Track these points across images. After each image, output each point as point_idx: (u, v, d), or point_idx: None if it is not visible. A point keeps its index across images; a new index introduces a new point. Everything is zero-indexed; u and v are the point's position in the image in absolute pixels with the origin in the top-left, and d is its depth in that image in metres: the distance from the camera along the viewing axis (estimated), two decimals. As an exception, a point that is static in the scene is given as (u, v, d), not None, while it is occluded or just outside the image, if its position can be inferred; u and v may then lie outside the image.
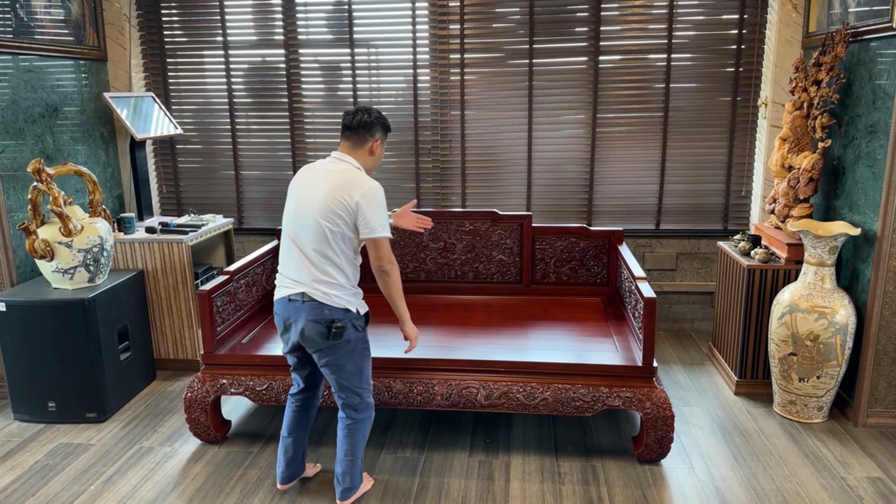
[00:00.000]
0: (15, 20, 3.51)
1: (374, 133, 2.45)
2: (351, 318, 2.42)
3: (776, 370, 3.27)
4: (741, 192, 4.23)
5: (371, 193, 2.34)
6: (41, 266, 3.32)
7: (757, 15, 3.96)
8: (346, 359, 2.44)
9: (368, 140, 2.45)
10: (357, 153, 2.46)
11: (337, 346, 2.41)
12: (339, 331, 2.37)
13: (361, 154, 2.46)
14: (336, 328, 2.37)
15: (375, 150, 2.47)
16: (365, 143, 2.45)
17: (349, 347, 2.43)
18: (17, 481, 2.83)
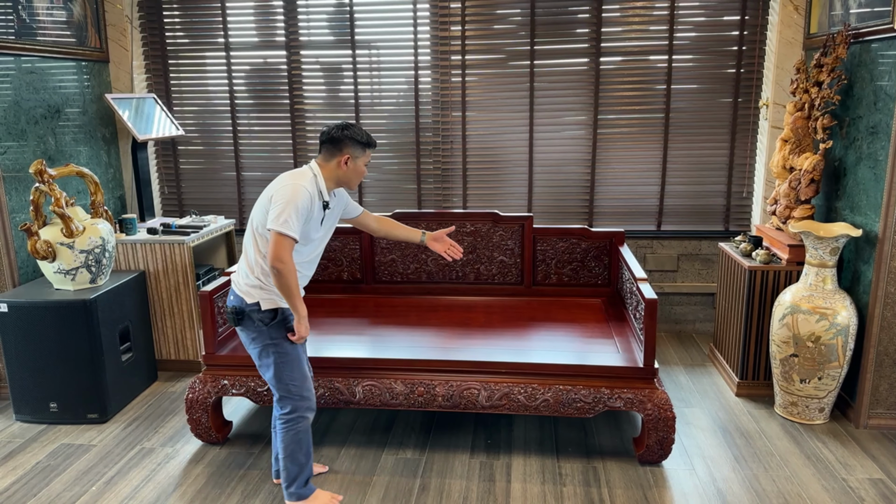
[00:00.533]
0: (17, 21, 3.51)
1: (342, 149, 2.47)
2: (250, 308, 2.45)
3: (777, 371, 3.26)
4: (742, 193, 4.23)
5: (285, 190, 2.37)
6: (43, 267, 3.33)
7: (758, 16, 3.96)
8: (254, 351, 2.52)
9: (336, 154, 2.48)
10: (326, 165, 2.51)
11: (243, 334, 2.52)
12: (232, 316, 2.47)
13: (330, 166, 2.50)
14: (231, 313, 2.47)
15: (344, 165, 2.49)
16: (332, 156, 2.49)
17: (254, 339, 2.50)
18: (19, 482, 2.83)
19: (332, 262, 3.90)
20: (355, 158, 2.51)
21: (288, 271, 2.34)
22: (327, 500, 2.63)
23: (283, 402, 2.53)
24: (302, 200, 2.36)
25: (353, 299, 3.81)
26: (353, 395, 2.91)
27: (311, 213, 2.43)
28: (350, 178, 2.54)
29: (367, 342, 3.19)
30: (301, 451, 2.55)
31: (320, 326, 3.39)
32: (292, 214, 2.33)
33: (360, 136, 2.49)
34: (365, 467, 2.89)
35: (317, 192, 2.46)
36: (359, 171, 2.55)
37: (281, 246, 2.33)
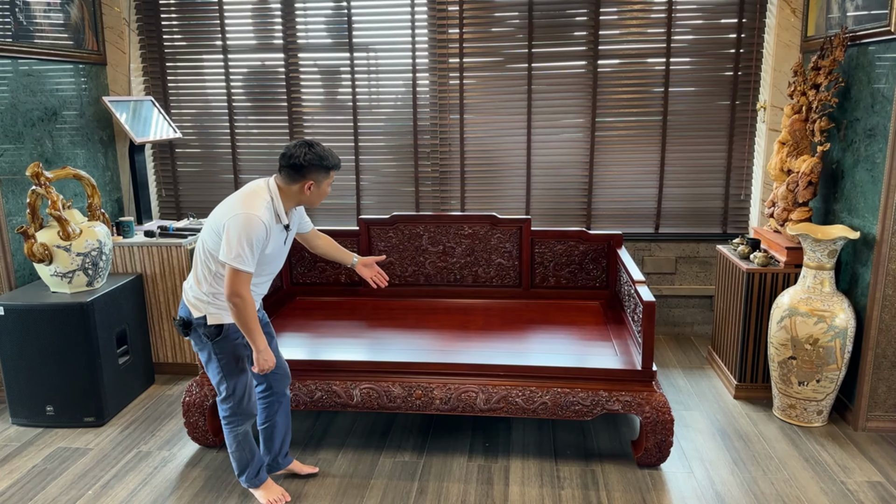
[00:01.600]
0: (14, 24, 3.51)
1: (304, 174, 2.38)
2: (197, 322, 2.46)
3: (776, 374, 3.26)
4: (740, 195, 4.23)
5: (238, 221, 2.28)
6: (39, 270, 3.32)
7: (755, 19, 3.97)
8: (202, 358, 2.55)
9: (299, 179, 2.40)
10: (286, 189, 2.42)
11: (193, 342, 2.53)
12: (180, 328, 2.49)
13: (292, 190, 2.42)
14: (179, 324, 2.49)
15: (307, 190, 2.41)
16: (294, 182, 2.40)
17: (201, 350, 2.52)
18: (15, 486, 2.82)
19: (330, 265, 3.90)
20: (319, 183, 2.42)
21: (245, 305, 2.31)
22: (278, 494, 2.67)
23: (223, 405, 2.56)
24: (256, 233, 2.29)
25: (351, 302, 3.80)
26: (351, 397, 2.90)
27: (267, 241, 2.37)
28: (313, 201, 2.47)
29: (365, 345, 3.19)
30: (244, 449, 2.62)
31: (318, 329, 3.38)
32: (245, 249, 2.27)
33: (324, 161, 2.39)
34: (362, 470, 2.89)
35: (273, 216, 2.38)
36: (322, 193, 2.47)
37: (237, 281, 2.29)
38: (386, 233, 3.83)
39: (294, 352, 3.10)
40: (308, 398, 2.92)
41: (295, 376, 2.93)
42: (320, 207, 4.49)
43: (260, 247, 2.33)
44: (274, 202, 2.39)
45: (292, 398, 2.92)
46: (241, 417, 2.57)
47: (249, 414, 2.59)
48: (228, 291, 2.31)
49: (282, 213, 2.42)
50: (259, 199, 2.35)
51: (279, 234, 2.45)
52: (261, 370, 2.45)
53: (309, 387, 2.92)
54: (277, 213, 2.41)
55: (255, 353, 2.42)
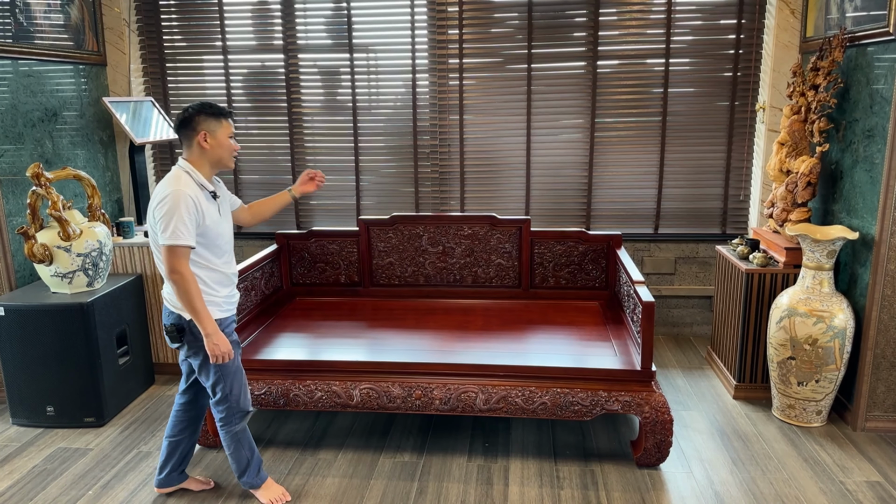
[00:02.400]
0: (14, 25, 3.51)
1: (195, 126, 2.38)
2: (190, 323, 2.43)
3: (775, 374, 3.27)
4: (739, 196, 4.24)
5: (165, 203, 2.29)
6: (40, 270, 3.32)
7: (755, 20, 3.97)
8: (195, 361, 2.50)
9: (193, 135, 2.39)
10: (191, 154, 2.43)
11: (183, 348, 2.49)
12: (174, 334, 2.44)
13: (195, 152, 2.42)
14: (169, 332, 2.45)
15: (206, 142, 2.40)
16: (192, 139, 2.40)
17: (195, 352, 2.48)
18: (15, 486, 2.82)
19: (330, 266, 3.90)
20: (213, 132, 2.40)
21: (186, 281, 2.31)
22: (279, 493, 2.69)
23: (219, 406, 2.54)
24: (185, 205, 2.29)
25: (351, 302, 3.81)
26: (351, 398, 2.91)
27: (201, 211, 2.36)
28: (221, 156, 2.44)
29: (364, 345, 3.19)
30: (243, 447, 2.62)
31: (318, 329, 3.38)
32: (178, 223, 2.27)
33: (208, 108, 2.40)
34: (362, 471, 2.89)
35: (198, 187, 2.38)
36: (225, 146, 2.44)
37: (174, 257, 2.29)
38: (386, 233, 3.84)
39: (294, 352, 3.10)
40: (308, 398, 2.93)
41: (295, 376, 2.94)
42: (319, 208, 4.49)
43: (194, 218, 2.32)
44: (192, 175, 2.40)
45: (292, 398, 2.93)
46: (239, 416, 2.57)
47: (246, 411, 2.59)
48: (168, 269, 2.30)
49: (205, 182, 2.43)
50: (178, 178, 2.36)
51: (210, 203, 2.43)
52: (213, 358, 2.40)
53: (308, 387, 2.92)
54: (200, 184, 2.41)
55: (204, 337, 2.38)
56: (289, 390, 2.93)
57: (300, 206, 4.50)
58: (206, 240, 2.41)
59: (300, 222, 4.53)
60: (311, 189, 2.91)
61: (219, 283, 2.50)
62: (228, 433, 2.59)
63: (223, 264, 2.53)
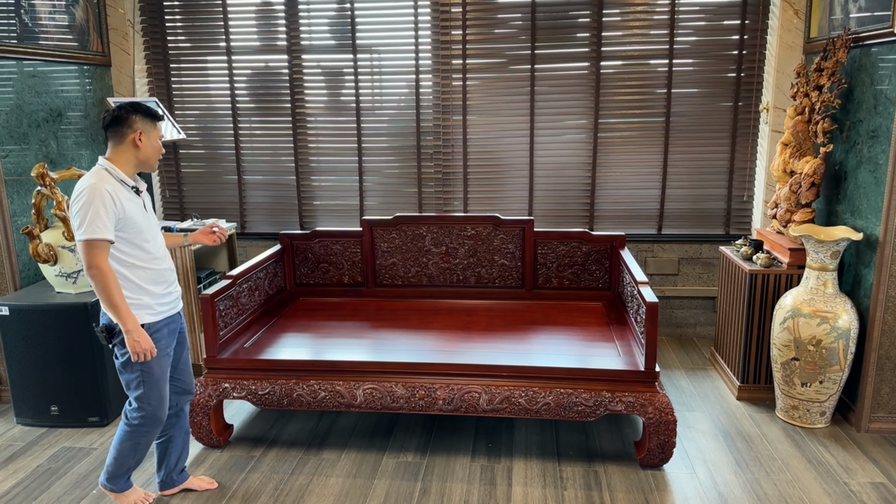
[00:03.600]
0: (19, 25, 3.53)
1: (131, 124, 2.36)
2: (115, 325, 2.38)
3: (778, 375, 3.26)
4: (743, 196, 4.23)
5: (81, 198, 2.27)
6: (44, 270, 3.33)
7: (758, 21, 3.97)
8: (121, 363, 2.45)
9: (128, 132, 2.36)
10: (118, 151, 2.38)
11: (117, 348, 2.44)
12: (104, 335, 2.41)
13: (124, 150, 2.38)
14: (102, 331, 2.42)
15: (140, 141, 2.38)
16: (125, 137, 2.37)
17: (123, 354, 2.42)
18: (20, 485, 2.83)
19: (334, 266, 3.91)
20: (148, 133, 2.39)
21: (105, 277, 2.26)
22: (140, 496, 2.65)
23: (138, 412, 2.48)
24: (101, 198, 2.26)
25: (354, 302, 3.81)
26: (354, 398, 2.91)
27: (120, 205, 2.31)
28: (149, 156, 2.42)
29: (368, 345, 3.19)
30: (135, 454, 2.55)
31: (321, 329, 3.39)
32: (94, 216, 2.24)
33: (144, 109, 2.39)
34: (366, 471, 2.89)
35: (117, 182, 2.35)
36: (156, 147, 2.44)
37: (91, 253, 2.25)
38: (389, 234, 3.84)
39: (297, 352, 3.11)
40: (311, 398, 2.93)
41: (298, 376, 2.94)
42: (322, 207, 4.50)
43: (111, 213, 2.28)
44: (111, 172, 2.36)
45: (295, 398, 2.93)
46: (155, 424, 2.51)
47: (161, 421, 2.52)
48: (86, 265, 2.26)
49: (125, 178, 2.38)
50: (97, 174, 2.33)
51: (132, 197, 2.39)
52: (135, 355, 2.35)
53: (312, 387, 2.92)
54: (121, 179, 2.37)
55: (124, 333, 2.33)
56: (292, 390, 2.93)
57: (304, 206, 4.51)
58: (131, 235, 2.37)
59: (304, 223, 4.54)
60: (206, 242, 2.82)
61: (152, 281, 2.45)
62: (136, 439, 2.51)
63: (153, 260, 2.46)
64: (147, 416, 2.48)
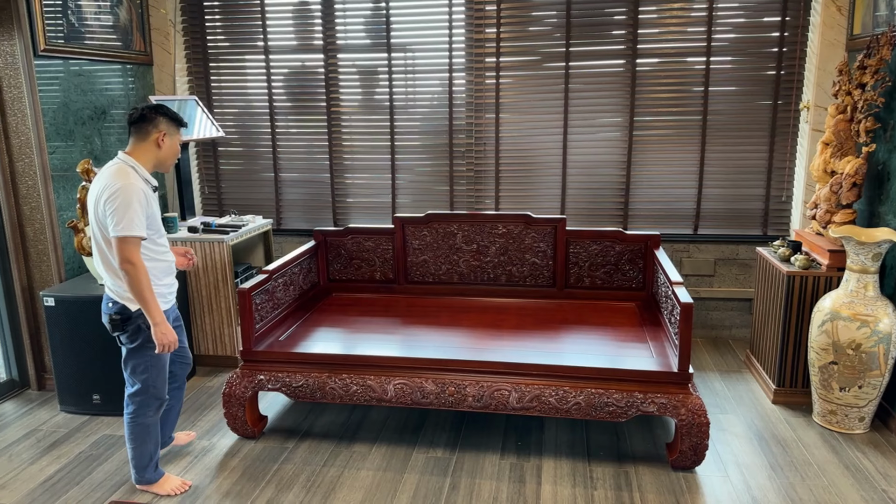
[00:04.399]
0: (67, 26, 3.64)
1: (157, 125, 2.49)
2: (136, 314, 2.52)
3: (816, 379, 3.20)
4: (781, 197, 4.15)
5: (117, 196, 2.36)
6: (88, 263, 3.44)
7: (799, 17, 3.89)
8: (127, 349, 2.58)
9: (153, 132, 2.49)
10: (140, 148, 2.50)
11: (121, 337, 2.57)
12: (115, 323, 2.52)
13: (146, 148, 2.51)
14: (113, 321, 2.52)
15: (162, 142, 2.51)
16: (149, 135, 2.49)
17: (133, 341, 2.55)
18: (63, 470, 2.93)
19: (366, 262, 3.95)
20: (171, 136, 2.53)
21: (138, 272, 2.38)
22: (177, 484, 2.75)
23: (136, 399, 2.61)
24: (137, 197, 2.38)
25: (386, 299, 3.85)
26: (385, 392, 2.94)
27: (147, 202, 2.45)
28: (167, 157, 2.56)
29: (399, 341, 3.22)
30: (149, 440, 2.68)
31: (353, 325, 3.43)
32: (133, 214, 2.36)
33: (172, 113, 2.53)
34: (396, 465, 2.92)
35: (143, 181, 2.48)
36: (175, 151, 2.58)
37: (126, 249, 2.36)
38: (420, 231, 3.87)
39: (330, 346, 3.15)
40: (343, 392, 2.97)
41: (331, 370, 2.99)
42: (355, 205, 4.55)
43: (144, 210, 2.42)
44: (136, 169, 2.48)
45: (328, 391, 2.98)
46: (156, 405, 2.65)
47: (164, 400, 2.68)
48: (120, 259, 2.37)
49: (148, 176, 2.52)
50: (125, 171, 2.43)
51: (154, 195, 2.55)
52: (161, 347, 2.49)
53: (344, 380, 2.97)
54: (145, 178, 2.51)
55: (153, 326, 2.46)
56: (325, 383, 2.98)
57: (337, 203, 4.57)
58: (151, 231, 2.51)
59: (337, 220, 4.60)
60: (180, 264, 2.88)
61: (164, 272, 2.63)
62: (139, 424, 2.63)
63: (165, 253, 2.64)
64: (150, 396, 2.63)
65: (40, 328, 3.66)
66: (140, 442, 2.66)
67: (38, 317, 3.65)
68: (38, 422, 3.38)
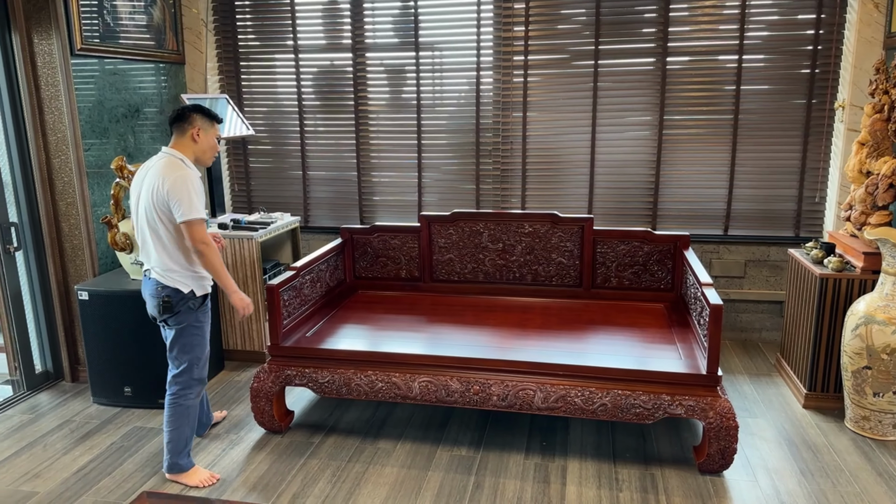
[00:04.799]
0: (102, 26, 3.72)
1: (192, 122, 2.67)
2: (188, 296, 2.68)
3: (849, 384, 3.13)
4: (815, 197, 4.07)
5: (180, 184, 2.55)
6: (121, 258, 3.51)
7: (835, 14, 3.81)
8: (173, 331, 2.73)
9: (188, 128, 2.67)
10: (180, 143, 2.68)
11: (169, 320, 2.71)
12: (166, 306, 2.68)
13: (185, 143, 2.68)
14: (165, 303, 2.67)
15: (198, 137, 2.68)
16: (186, 132, 2.67)
17: (180, 322, 2.71)
18: (95, 460, 2.99)
19: (392, 261, 3.96)
20: (206, 130, 2.70)
21: (211, 248, 2.62)
22: (206, 476, 2.82)
23: (180, 379, 2.75)
24: (198, 184, 2.62)
25: (411, 297, 3.86)
26: (410, 390, 2.95)
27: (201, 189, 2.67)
28: (205, 152, 2.73)
29: (424, 339, 3.23)
30: (188, 423, 2.79)
31: (379, 322, 3.45)
32: (196, 200, 2.57)
33: (206, 110, 2.72)
34: (420, 462, 2.93)
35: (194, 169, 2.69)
36: (211, 145, 2.74)
37: (200, 230, 2.59)
38: (446, 230, 3.87)
39: (356, 343, 3.17)
40: (369, 388, 2.99)
41: (357, 367, 3.01)
42: (382, 203, 4.57)
43: (202, 195, 2.64)
44: (185, 162, 2.66)
45: (353, 387, 3.00)
46: (198, 385, 2.79)
47: (205, 382, 2.84)
48: (196, 241, 2.58)
49: (193, 167, 2.70)
50: (176, 163, 2.63)
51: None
52: (243, 312, 2.74)
53: (370, 377, 2.98)
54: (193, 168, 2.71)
55: (230, 295, 2.70)
56: (351, 380, 3.00)
57: (364, 201, 4.59)
58: None
59: (364, 217, 4.62)
60: None
61: None
62: (181, 406, 2.75)
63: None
64: (194, 378, 2.77)
65: (74, 321, 3.75)
66: (179, 424, 2.75)
67: (73, 310, 3.73)
68: (71, 413, 3.46)
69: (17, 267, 3.64)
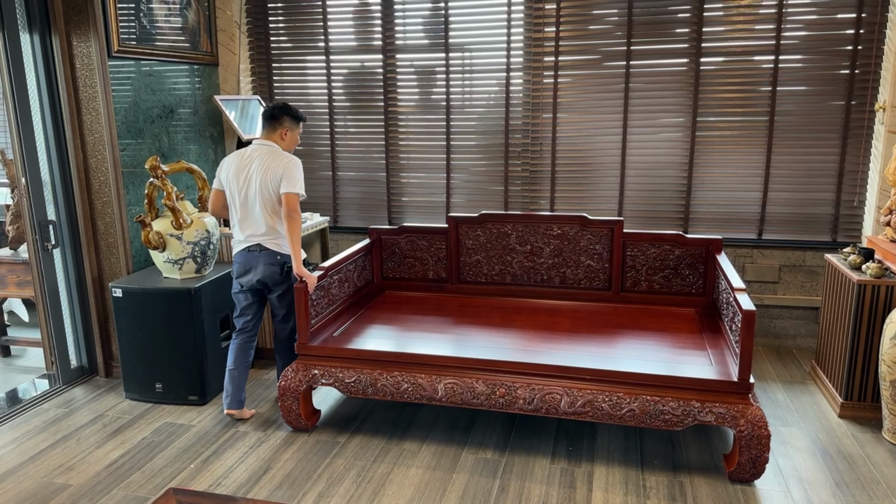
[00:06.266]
0: (139, 28, 3.79)
1: (282, 123, 3.17)
2: (287, 262, 3.17)
3: (887, 393, 3.04)
4: (853, 202, 3.96)
5: (291, 163, 3.08)
6: (154, 256, 3.57)
7: (876, 14, 3.70)
8: (282, 288, 3.23)
9: (277, 128, 3.17)
10: (271, 138, 3.18)
11: (281, 278, 3.19)
12: (287, 267, 3.17)
13: (276, 138, 3.18)
14: (288, 267, 3.17)
15: (285, 136, 3.19)
16: (275, 130, 3.18)
17: (285, 283, 3.22)
18: (126, 455, 3.05)
19: (419, 261, 3.97)
20: (291, 130, 3.21)
21: (298, 221, 3.05)
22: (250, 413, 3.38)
23: (291, 322, 3.28)
24: (301, 168, 3.11)
25: (438, 298, 3.85)
26: (436, 391, 2.95)
27: None
28: (289, 147, 3.21)
29: (450, 341, 3.23)
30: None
31: (406, 323, 3.45)
32: (301, 178, 3.08)
33: (294, 112, 3.19)
34: (445, 464, 2.93)
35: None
36: (294, 141, 3.25)
37: (296, 201, 3.05)
38: (474, 231, 3.86)
39: (383, 343, 3.18)
40: (395, 389, 3.00)
41: (383, 367, 3.02)
42: (410, 204, 4.58)
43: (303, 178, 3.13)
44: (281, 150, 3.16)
45: (379, 387, 3.01)
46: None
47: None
48: (289, 209, 3.02)
49: None
50: (282, 151, 3.14)
51: None
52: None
53: (396, 378, 2.99)
54: None
55: (296, 264, 3.04)
56: (377, 380, 3.01)
57: (392, 202, 4.60)
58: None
59: (392, 218, 4.63)
60: None
61: None
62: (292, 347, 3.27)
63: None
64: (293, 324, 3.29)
65: (108, 318, 3.83)
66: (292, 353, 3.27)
67: (107, 307, 3.81)
68: (104, 407, 3.53)
69: (54, 264, 3.73)
